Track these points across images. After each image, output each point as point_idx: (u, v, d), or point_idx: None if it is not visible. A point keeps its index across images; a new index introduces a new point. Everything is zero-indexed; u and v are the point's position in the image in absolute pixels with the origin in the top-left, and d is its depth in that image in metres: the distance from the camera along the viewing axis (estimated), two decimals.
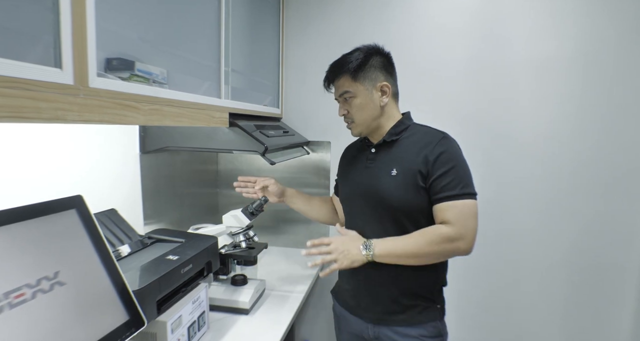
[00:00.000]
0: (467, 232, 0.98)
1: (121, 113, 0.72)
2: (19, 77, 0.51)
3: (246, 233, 1.25)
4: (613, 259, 1.56)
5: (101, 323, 0.59)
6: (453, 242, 0.97)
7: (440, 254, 1.00)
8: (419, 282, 1.05)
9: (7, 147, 0.86)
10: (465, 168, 1.03)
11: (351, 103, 1.07)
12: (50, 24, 0.57)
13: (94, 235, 0.65)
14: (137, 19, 0.80)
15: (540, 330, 1.66)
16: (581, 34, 1.49)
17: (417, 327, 1.04)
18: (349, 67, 1.05)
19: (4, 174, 0.85)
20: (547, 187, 1.59)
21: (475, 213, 1.00)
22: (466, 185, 1.00)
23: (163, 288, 0.85)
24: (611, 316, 1.59)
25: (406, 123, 1.11)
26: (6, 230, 0.52)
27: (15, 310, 0.49)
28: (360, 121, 1.08)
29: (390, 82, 1.09)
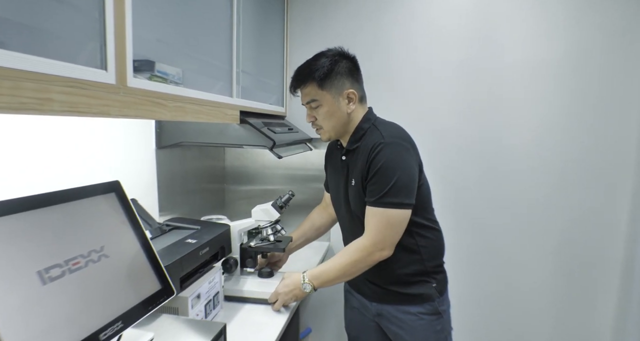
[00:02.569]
0: (382, 240, 1.02)
1: (151, 110, 0.81)
2: (76, 78, 0.61)
3: (274, 227, 1.27)
4: (598, 250, 1.66)
5: (139, 289, 0.69)
6: (371, 253, 1.03)
7: (365, 265, 1.05)
8: (403, 270, 1.10)
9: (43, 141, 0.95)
10: (394, 176, 1.00)
11: (318, 111, 1.09)
12: (97, 32, 0.67)
13: (130, 216, 0.74)
14: (156, 23, 0.88)
15: (530, 319, 1.75)
16: (571, 38, 1.58)
17: (414, 305, 1.10)
18: (316, 76, 1.05)
19: (43, 163, 0.94)
20: (536, 183, 1.68)
21: (391, 223, 1.02)
22: (390, 194, 1.00)
23: (185, 267, 0.94)
24: (596, 303, 1.69)
25: (364, 127, 1.11)
26: (65, 207, 0.62)
27: (74, 275, 0.59)
28: (328, 128, 1.11)
29: (356, 88, 1.11)
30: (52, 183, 0.95)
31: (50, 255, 0.56)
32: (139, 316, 0.66)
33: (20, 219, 0.55)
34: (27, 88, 0.54)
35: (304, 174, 1.92)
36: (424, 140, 1.71)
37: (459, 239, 1.75)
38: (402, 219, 1.03)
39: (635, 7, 1.52)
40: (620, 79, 1.57)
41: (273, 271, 1.26)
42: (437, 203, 1.78)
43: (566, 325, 1.73)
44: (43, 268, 0.55)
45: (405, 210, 1.03)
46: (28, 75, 0.54)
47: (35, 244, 0.55)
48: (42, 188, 0.64)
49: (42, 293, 0.53)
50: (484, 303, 1.79)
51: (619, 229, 1.64)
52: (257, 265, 1.28)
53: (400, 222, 1.03)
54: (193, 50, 1.04)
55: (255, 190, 1.99)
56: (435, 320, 1.12)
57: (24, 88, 0.53)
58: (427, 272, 1.12)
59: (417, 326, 1.11)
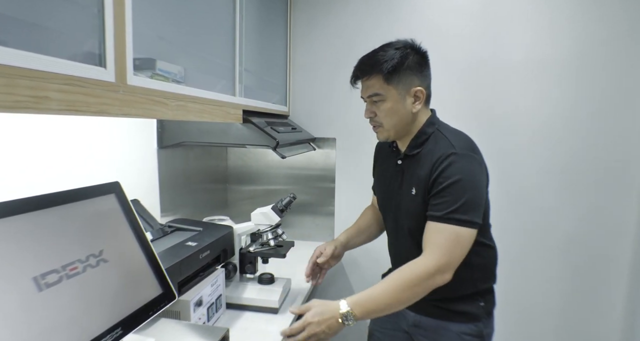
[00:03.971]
0: (449, 262, 0.89)
1: (152, 109, 0.79)
2: (73, 75, 0.59)
3: (274, 231, 1.21)
4: (605, 249, 1.63)
5: (139, 294, 0.67)
6: (434, 275, 0.89)
7: (423, 292, 0.90)
8: (451, 288, 0.94)
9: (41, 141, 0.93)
10: (468, 191, 0.91)
11: (380, 107, 0.99)
12: (96, 28, 0.64)
13: (130, 218, 0.72)
14: (157, 19, 0.85)
15: (537, 319, 1.72)
16: (576, 37, 1.56)
17: (457, 323, 1.00)
18: (383, 68, 0.95)
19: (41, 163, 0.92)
20: (542, 183, 1.66)
21: (460, 243, 0.91)
22: (461, 210, 0.90)
23: (183, 271, 0.92)
24: (604, 303, 1.66)
25: (427, 132, 1.01)
26: (62, 209, 0.60)
27: (71, 281, 0.57)
28: (388, 127, 1.00)
29: (425, 86, 1.01)
30: (51, 184, 0.93)
31: (46, 260, 0.54)
32: (139, 322, 0.63)
33: (14, 222, 0.52)
34: (22, 86, 0.52)
35: (307, 174, 1.90)
36: None
37: None
38: (470, 239, 0.92)
39: (638, 5, 1.49)
40: (625, 78, 1.55)
41: (274, 278, 1.21)
42: None
43: (574, 325, 1.70)
44: (39, 274, 0.52)
45: (474, 230, 0.91)
46: (23, 73, 0.52)
47: (30, 249, 0.53)
48: (40, 190, 0.62)
49: (38, 301, 0.51)
50: None
51: (627, 229, 1.61)
52: (256, 270, 1.22)
53: (469, 242, 0.92)
54: (195, 47, 1.02)
55: (258, 190, 1.97)
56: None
57: (19, 86, 0.51)
58: (477, 293, 1.03)
59: None
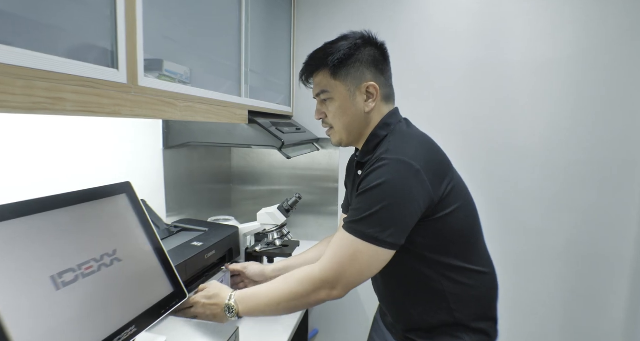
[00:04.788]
0: (339, 277, 0.77)
1: (162, 109, 0.80)
2: (87, 77, 0.59)
3: (280, 231, 1.23)
4: (607, 249, 1.64)
5: (152, 293, 0.67)
6: (320, 289, 0.79)
7: (305, 304, 0.82)
8: (426, 318, 0.87)
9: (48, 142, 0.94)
10: (385, 203, 0.75)
11: (329, 106, 0.90)
12: (108, 29, 0.65)
13: (141, 217, 0.73)
14: (164, 20, 0.86)
15: (539, 319, 1.73)
16: (577, 37, 1.56)
17: None
18: (329, 61, 0.85)
19: (49, 164, 0.93)
20: (543, 183, 1.66)
21: (359, 260, 0.77)
22: (368, 221, 0.76)
23: (189, 270, 0.92)
24: (606, 301, 1.67)
25: (380, 134, 0.88)
26: (76, 209, 0.60)
27: (87, 279, 0.57)
28: (339, 128, 0.90)
29: (380, 82, 0.88)
30: (59, 184, 0.94)
31: (63, 260, 0.55)
32: (152, 320, 0.64)
33: (32, 222, 0.53)
34: (40, 88, 0.52)
35: (311, 174, 1.91)
36: None
37: None
38: (372, 259, 0.77)
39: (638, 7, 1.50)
40: (626, 78, 1.55)
41: None
42: None
43: (576, 325, 1.71)
44: (56, 273, 0.53)
45: (380, 249, 0.76)
46: (40, 74, 0.52)
47: (48, 248, 0.54)
48: (49, 190, 0.63)
49: (57, 299, 0.52)
50: None
51: (629, 229, 1.62)
52: None
53: (369, 262, 0.77)
54: (201, 48, 1.03)
55: (262, 190, 1.98)
56: None
57: (37, 88, 0.52)
58: (457, 325, 0.87)
59: None
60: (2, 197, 0.72)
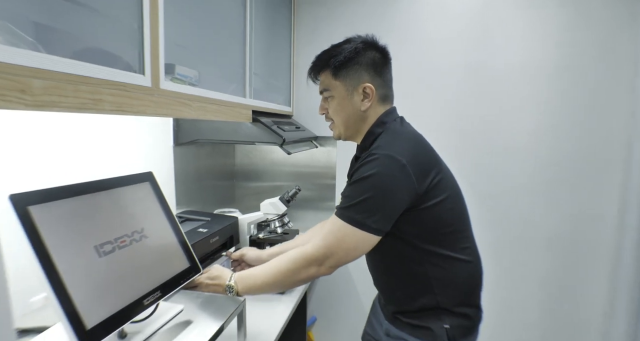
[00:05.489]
0: (328, 255, 0.87)
1: (179, 109, 0.91)
2: (120, 81, 0.71)
3: (281, 220, 1.35)
4: (589, 242, 1.74)
5: (172, 266, 0.79)
6: (309, 265, 0.89)
7: (298, 278, 0.91)
8: (410, 301, 0.96)
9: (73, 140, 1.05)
10: (371, 193, 0.85)
11: (330, 103, 1.00)
12: (136, 41, 0.76)
13: (162, 203, 0.84)
14: (176, 29, 0.97)
15: (523, 309, 1.84)
16: (564, 40, 1.67)
17: (417, 338, 0.95)
18: (331, 62, 0.95)
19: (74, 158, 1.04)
20: (532, 178, 1.77)
21: (346, 242, 0.86)
22: (355, 207, 0.85)
23: (196, 253, 1.02)
24: (587, 291, 1.77)
25: (376, 132, 0.97)
26: (110, 193, 0.72)
27: (122, 251, 0.69)
28: (338, 123, 1.00)
29: (377, 83, 0.97)
30: (85, 174, 1.05)
31: (103, 233, 0.66)
32: (174, 287, 0.75)
33: (79, 201, 0.65)
34: (84, 91, 0.64)
35: (309, 171, 2.02)
36: None
37: None
38: (359, 242, 0.87)
39: (625, 9, 1.61)
40: (610, 79, 1.65)
41: None
42: None
43: (558, 315, 1.81)
44: (98, 244, 0.64)
45: (366, 233, 0.85)
46: (84, 80, 0.64)
47: (91, 224, 0.65)
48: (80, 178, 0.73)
49: (99, 264, 0.63)
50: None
51: (609, 222, 1.72)
52: None
53: (355, 244, 0.87)
54: (209, 53, 1.14)
55: (263, 186, 2.09)
56: None
57: (82, 91, 0.63)
58: (440, 309, 0.94)
59: None
60: (52, 182, 0.84)
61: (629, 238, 1.61)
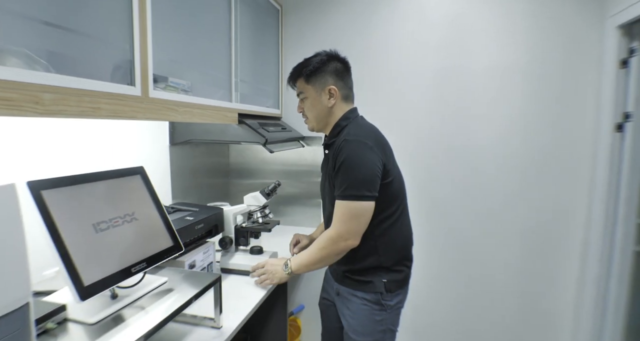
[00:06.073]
0: (347, 231, 1.11)
1: (166, 114, 1.08)
2: (114, 92, 0.87)
3: (262, 211, 1.52)
4: (559, 234, 1.87)
5: (158, 244, 0.95)
6: (337, 242, 1.13)
7: (333, 254, 1.15)
8: (359, 260, 1.19)
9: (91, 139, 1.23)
10: (357, 171, 1.09)
11: (305, 103, 1.26)
12: (127, 59, 0.93)
13: (151, 192, 1.01)
14: (170, 48, 1.15)
15: (497, 295, 1.97)
16: (531, 45, 1.79)
17: (361, 291, 1.20)
18: (304, 71, 1.22)
19: (90, 153, 1.21)
20: (503, 175, 1.90)
21: (355, 215, 1.11)
22: (351, 187, 1.09)
23: (183, 237, 1.19)
24: (559, 281, 1.90)
25: (342, 124, 1.22)
26: (107, 182, 0.88)
27: (115, 229, 0.85)
28: (311, 118, 1.26)
29: (340, 86, 1.22)
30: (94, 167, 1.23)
31: (100, 214, 0.83)
32: (158, 261, 0.92)
33: (81, 188, 0.81)
34: (85, 101, 0.80)
35: (297, 170, 2.18)
36: (401, 140, 1.96)
37: (431, 229, 1.99)
38: (364, 210, 1.11)
39: (593, 12, 1.72)
40: (575, 80, 1.78)
41: (262, 249, 1.49)
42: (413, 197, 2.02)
43: (530, 303, 1.94)
44: (96, 222, 0.81)
45: (367, 202, 1.11)
46: (84, 92, 0.81)
47: (90, 206, 0.82)
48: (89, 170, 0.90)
49: (96, 238, 0.80)
50: (455, 284, 2.02)
51: (578, 215, 1.84)
52: (248, 243, 1.50)
53: (363, 213, 1.12)
54: (199, 66, 1.31)
55: (256, 183, 2.25)
56: (377, 310, 1.20)
57: (83, 101, 0.80)
58: (381, 267, 1.19)
59: (359, 310, 1.21)
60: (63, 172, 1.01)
61: (595, 232, 1.73)
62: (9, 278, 0.52)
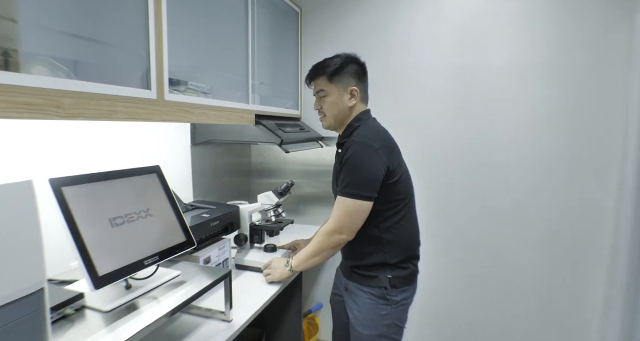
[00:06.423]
0: (342, 226, 1.17)
1: (181, 116, 1.13)
2: (131, 96, 0.93)
3: (276, 210, 1.56)
4: (585, 239, 1.79)
5: (171, 239, 1.00)
6: (332, 235, 1.19)
7: (328, 247, 1.21)
8: (366, 257, 1.24)
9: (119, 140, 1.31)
10: (359, 171, 1.15)
11: (324, 100, 1.27)
12: (144, 65, 0.99)
13: (166, 190, 1.06)
14: (189, 52, 1.20)
15: (519, 308, 1.90)
16: (553, 40, 1.73)
17: (367, 286, 1.25)
18: (327, 70, 1.25)
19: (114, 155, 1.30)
20: (526, 176, 1.84)
21: (350, 212, 1.16)
22: (350, 185, 1.15)
23: (198, 233, 1.24)
24: (584, 291, 1.81)
25: (354, 125, 1.26)
26: (124, 180, 0.95)
27: (130, 224, 0.91)
28: (330, 116, 1.28)
29: (360, 88, 1.27)
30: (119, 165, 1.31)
31: (116, 210, 0.89)
32: (170, 255, 0.97)
33: (98, 185, 0.88)
34: (103, 104, 0.87)
35: (317, 169, 2.20)
36: (419, 140, 1.94)
37: (450, 231, 1.96)
38: (359, 208, 1.16)
39: (612, 7, 1.64)
40: (601, 75, 1.69)
41: (276, 247, 1.53)
42: (430, 198, 1.98)
43: (555, 314, 1.86)
44: (112, 217, 0.87)
45: (363, 201, 1.16)
46: (102, 96, 0.87)
47: (107, 202, 0.88)
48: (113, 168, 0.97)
49: (112, 232, 0.86)
50: (474, 290, 1.97)
51: (605, 219, 1.75)
52: (263, 241, 1.54)
53: (357, 211, 1.17)
54: (218, 70, 1.37)
55: (276, 182, 2.29)
56: (382, 305, 1.23)
57: (101, 105, 0.86)
58: (386, 264, 1.23)
59: (364, 304, 1.25)
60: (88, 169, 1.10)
61: (624, 237, 1.63)
62: (25, 265, 0.58)
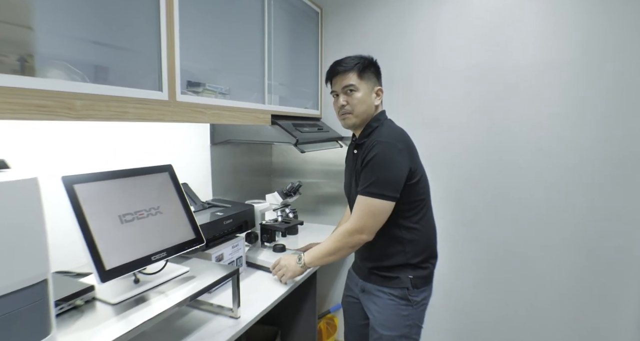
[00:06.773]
0: (364, 226, 1.15)
1: (194, 116, 1.16)
2: (142, 98, 0.97)
3: (283, 210, 1.58)
4: (617, 244, 1.67)
5: (180, 236, 1.03)
6: (352, 235, 1.17)
7: (347, 246, 1.19)
8: (387, 257, 1.23)
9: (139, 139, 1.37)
10: (383, 171, 1.14)
11: (353, 96, 1.24)
12: (156, 67, 1.03)
13: (177, 189, 1.09)
14: (205, 55, 1.24)
15: (547, 316, 1.80)
16: (581, 37, 1.64)
17: (388, 287, 1.24)
18: (357, 66, 1.23)
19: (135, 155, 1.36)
20: (554, 179, 1.74)
21: (373, 212, 1.14)
22: (374, 185, 1.13)
23: (211, 231, 1.27)
24: (618, 296, 1.69)
25: (373, 125, 1.26)
26: (136, 178, 0.98)
27: (140, 221, 0.95)
28: (357, 113, 1.25)
29: (382, 89, 1.30)
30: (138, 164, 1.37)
31: (126, 207, 0.92)
32: (177, 251, 1.00)
33: (110, 183, 0.92)
34: (113, 106, 0.91)
35: (336, 169, 2.19)
36: (440, 138, 1.88)
37: (472, 233, 1.88)
38: (383, 209, 1.15)
39: None
40: (630, 74, 1.59)
41: (285, 247, 1.53)
42: (451, 198, 1.92)
43: (585, 320, 1.75)
44: (122, 214, 0.91)
45: (387, 201, 1.14)
46: (112, 98, 0.90)
47: (118, 199, 0.92)
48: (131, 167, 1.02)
49: (121, 228, 0.89)
50: (498, 295, 1.89)
51: (637, 222, 1.63)
52: (273, 241, 1.54)
53: (381, 211, 1.16)
54: (234, 71, 1.39)
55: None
56: (403, 305, 1.22)
57: (112, 106, 0.90)
58: (408, 264, 1.23)
59: (385, 305, 1.24)
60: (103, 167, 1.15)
61: None
62: (29, 257, 0.61)
